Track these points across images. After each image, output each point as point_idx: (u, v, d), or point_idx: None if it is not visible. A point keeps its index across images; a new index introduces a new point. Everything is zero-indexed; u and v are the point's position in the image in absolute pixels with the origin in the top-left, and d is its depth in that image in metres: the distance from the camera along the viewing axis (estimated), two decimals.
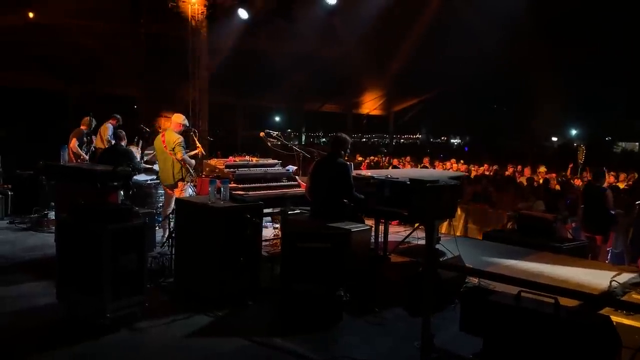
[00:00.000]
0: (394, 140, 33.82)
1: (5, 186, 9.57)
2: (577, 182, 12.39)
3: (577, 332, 2.62)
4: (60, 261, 4.75)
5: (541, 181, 12.62)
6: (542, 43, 18.28)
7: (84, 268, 4.49)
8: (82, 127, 9.56)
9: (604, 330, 2.62)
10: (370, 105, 25.88)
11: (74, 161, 9.08)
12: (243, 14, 12.86)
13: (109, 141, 9.84)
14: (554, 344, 2.68)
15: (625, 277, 6.19)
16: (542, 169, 14.47)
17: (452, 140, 40.01)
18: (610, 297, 4.75)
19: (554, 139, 33.72)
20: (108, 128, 10.15)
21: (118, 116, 10.32)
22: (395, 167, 15.42)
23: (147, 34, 12.62)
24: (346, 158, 6.14)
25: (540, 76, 20.33)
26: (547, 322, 2.71)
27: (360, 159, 17.53)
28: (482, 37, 17.46)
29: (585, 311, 3.21)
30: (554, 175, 13.70)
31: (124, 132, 7.80)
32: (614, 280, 5.88)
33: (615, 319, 4.05)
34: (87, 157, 9.59)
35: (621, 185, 11.92)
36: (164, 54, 12.37)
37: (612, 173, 12.51)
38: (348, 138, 6.12)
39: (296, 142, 23.94)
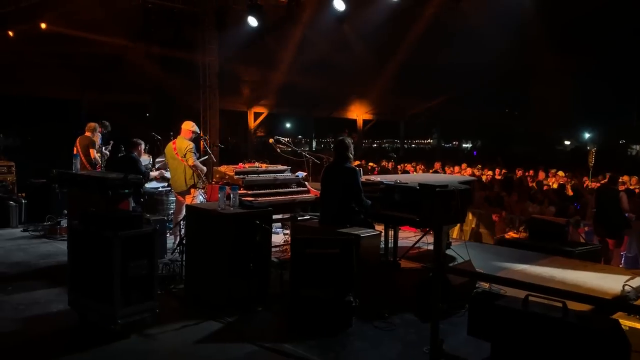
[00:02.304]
0: (405, 145, 33.72)
1: (20, 195, 9.69)
2: (593, 185, 12.31)
3: (586, 336, 2.59)
4: (72, 268, 4.81)
5: (554, 185, 12.55)
6: (554, 47, 18.17)
7: (95, 274, 4.54)
8: (88, 134, 9.51)
9: (612, 334, 2.59)
10: (380, 110, 25.85)
11: (90, 169, 9.09)
12: (253, 21, 12.93)
13: (100, 150, 9.77)
14: (562, 348, 2.66)
15: (638, 281, 6.13)
16: (561, 173, 14.43)
17: (463, 145, 39.83)
18: (622, 301, 4.71)
19: (567, 142, 33.49)
20: (97, 137, 10.02)
21: (106, 122, 10.22)
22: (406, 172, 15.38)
23: (158, 42, 12.75)
24: (357, 163, 6.15)
25: (552, 80, 20.21)
26: (555, 326, 2.69)
27: (369, 164, 17.51)
28: (494, 42, 17.40)
29: (594, 315, 3.19)
30: (570, 180, 13.62)
31: (138, 140, 7.84)
32: (626, 285, 5.83)
33: (628, 323, 4.01)
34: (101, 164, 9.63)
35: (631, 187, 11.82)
36: (176, 61, 12.49)
37: (622, 179, 12.39)
38: (350, 140, 6.09)
39: (307, 149, 23.99)
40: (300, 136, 31.26)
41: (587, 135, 32.74)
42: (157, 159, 9.32)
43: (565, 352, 2.64)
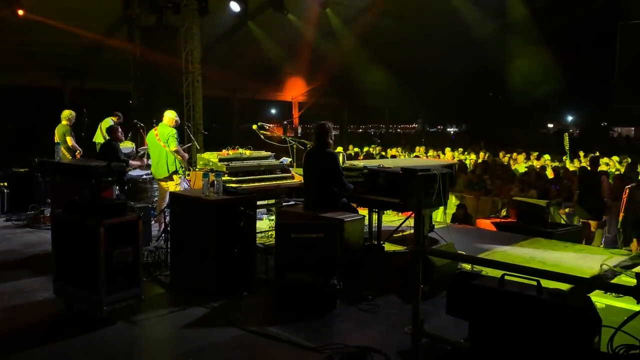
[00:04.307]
0: (390, 130, 33.89)
1: (2, 184, 9.61)
2: (571, 167, 12.52)
3: (558, 313, 2.68)
4: (56, 256, 4.81)
5: (538, 168, 12.73)
6: (535, 31, 18.29)
7: (80, 263, 4.55)
8: (64, 122, 9.55)
9: (584, 310, 2.69)
10: (367, 95, 25.86)
11: (69, 157, 9.12)
12: (235, 6, 12.86)
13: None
14: (536, 324, 2.75)
15: (616, 260, 6.30)
16: (546, 156, 14.65)
17: (448, 129, 40.02)
18: (596, 280, 4.83)
19: (550, 125, 33.84)
20: (109, 124, 10.15)
21: (119, 114, 10.35)
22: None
23: (140, 28, 12.61)
24: (341, 152, 6.19)
25: (534, 63, 20.36)
26: (529, 303, 2.78)
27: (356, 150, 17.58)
28: (476, 25, 17.50)
29: (567, 293, 3.28)
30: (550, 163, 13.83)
31: (116, 127, 7.85)
32: (604, 264, 5.99)
33: (605, 301, 4.14)
34: (81, 151, 9.64)
35: (612, 169, 12.06)
36: (158, 48, 12.37)
37: (604, 160, 12.62)
38: (330, 125, 6.12)
39: (292, 134, 23.99)
40: (285, 122, 31.15)
41: (570, 118, 33.08)
42: (140, 148, 9.31)
43: (539, 327, 2.74)
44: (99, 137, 10.30)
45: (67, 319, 4.66)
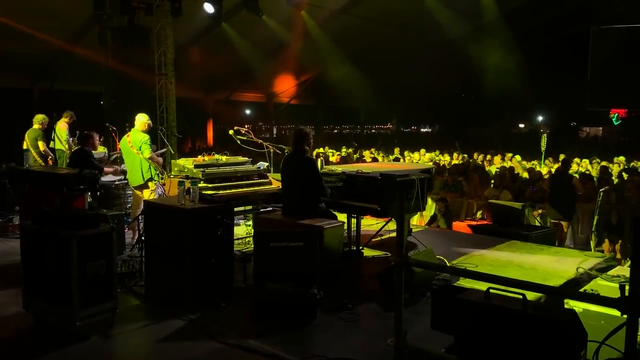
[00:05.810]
0: (365, 131, 34.02)
1: None
2: (544, 169, 12.70)
3: (545, 327, 2.67)
4: (26, 269, 4.63)
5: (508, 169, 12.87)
6: (505, 31, 18.53)
7: (51, 276, 4.38)
8: (37, 126, 9.28)
9: (570, 324, 2.68)
10: (342, 96, 25.86)
11: (42, 163, 8.88)
12: (209, 8, 12.70)
13: (68, 141, 9.57)
14: (523, 339, 2.73)
15: (591, 262, 6.37)
16: (518, 157, 14.82)
17: (422, 130, 40.31)
18: (574, 288, 4.87)
19: (521, 125, 34.35)
20: (64, 128, 9.78)
21: (71, 112, 9.99)
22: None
23: (112, 29, 12.34)
24: (319, 157, 6.13)
25: (505, 64, 20.63)
26: (515, 318, 2.76)
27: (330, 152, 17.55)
28: (449, 27, 17.66)
29: (552, 305, 3.28)
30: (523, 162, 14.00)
31: (91, 134, 7.63)
32: (580, 267, 6.06)
33: (582, 305, 4.16)
34: (53, 157, 9.39)
35: (582, 169, 12.30)
36: (130, 48, 12.13)
37: (576, 161, 12.86)
38: (308, 130, 6.05)
39: (267, 136, 23.88)
40: (260, 123, 30.96)
41: (540, 118, 33.60)
42: (112, 152, 9.10)
43: (526, 343, 2.72)
44: (57, 143, 9.91)
45: (37, 334, 4.49)
